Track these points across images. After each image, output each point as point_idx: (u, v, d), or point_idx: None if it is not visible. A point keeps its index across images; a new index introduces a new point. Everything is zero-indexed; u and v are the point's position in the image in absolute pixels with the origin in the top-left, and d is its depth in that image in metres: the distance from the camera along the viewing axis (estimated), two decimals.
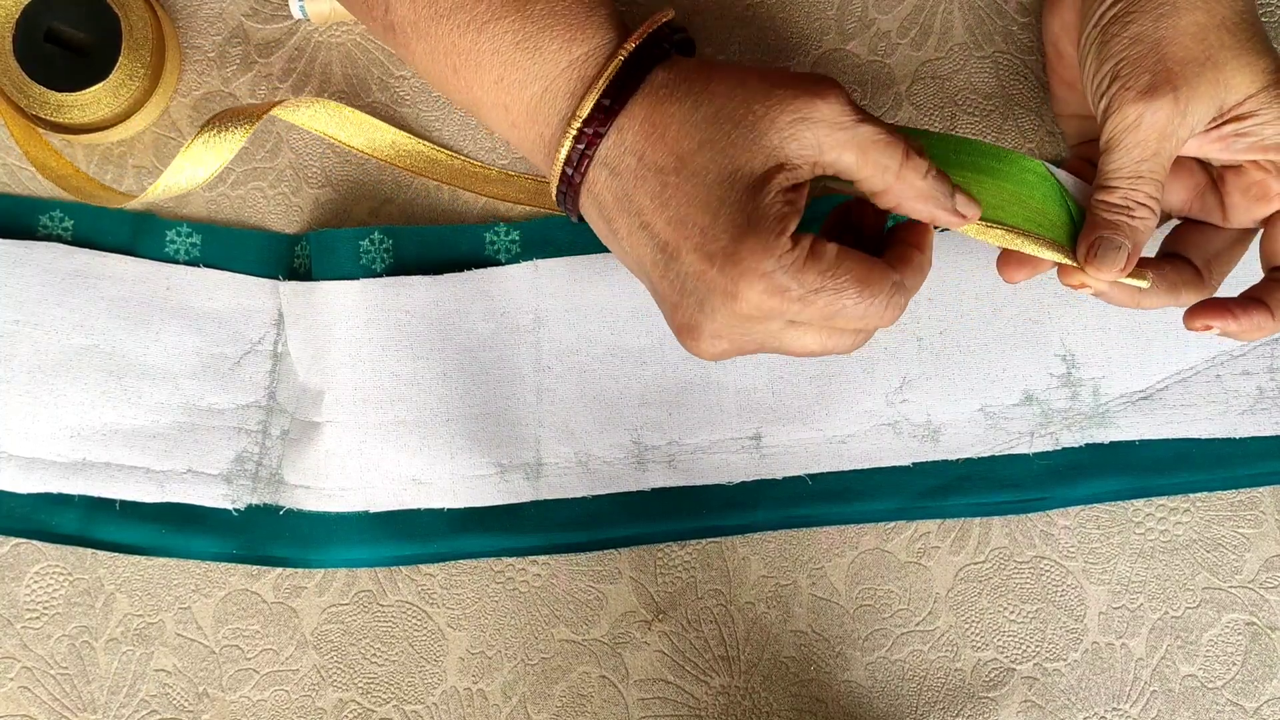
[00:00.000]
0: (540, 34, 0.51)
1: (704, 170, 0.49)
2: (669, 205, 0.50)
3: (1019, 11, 0.64)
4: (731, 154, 0.49)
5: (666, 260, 0.50)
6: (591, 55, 0.51)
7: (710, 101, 0.50)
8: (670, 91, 0.51)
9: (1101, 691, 0.63)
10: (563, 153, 0.51)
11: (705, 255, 0.49)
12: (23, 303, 0.62)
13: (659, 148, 0.50)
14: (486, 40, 0.52)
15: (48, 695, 0.62)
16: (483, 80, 0.53)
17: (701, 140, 0.50)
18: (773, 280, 0.49)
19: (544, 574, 0.63)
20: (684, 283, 0.50)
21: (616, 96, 0.50)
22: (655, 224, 0.50)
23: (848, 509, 0.63)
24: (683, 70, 0.51)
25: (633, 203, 0.51)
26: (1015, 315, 0.63)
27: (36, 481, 0.61)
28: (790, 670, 0.63)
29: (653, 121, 0.50)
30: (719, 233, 0.49)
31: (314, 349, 0.62)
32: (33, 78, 0.60)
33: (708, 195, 0.49)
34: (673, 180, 0.50)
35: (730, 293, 0.49)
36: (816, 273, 0.49)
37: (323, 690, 0.62)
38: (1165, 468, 0.63)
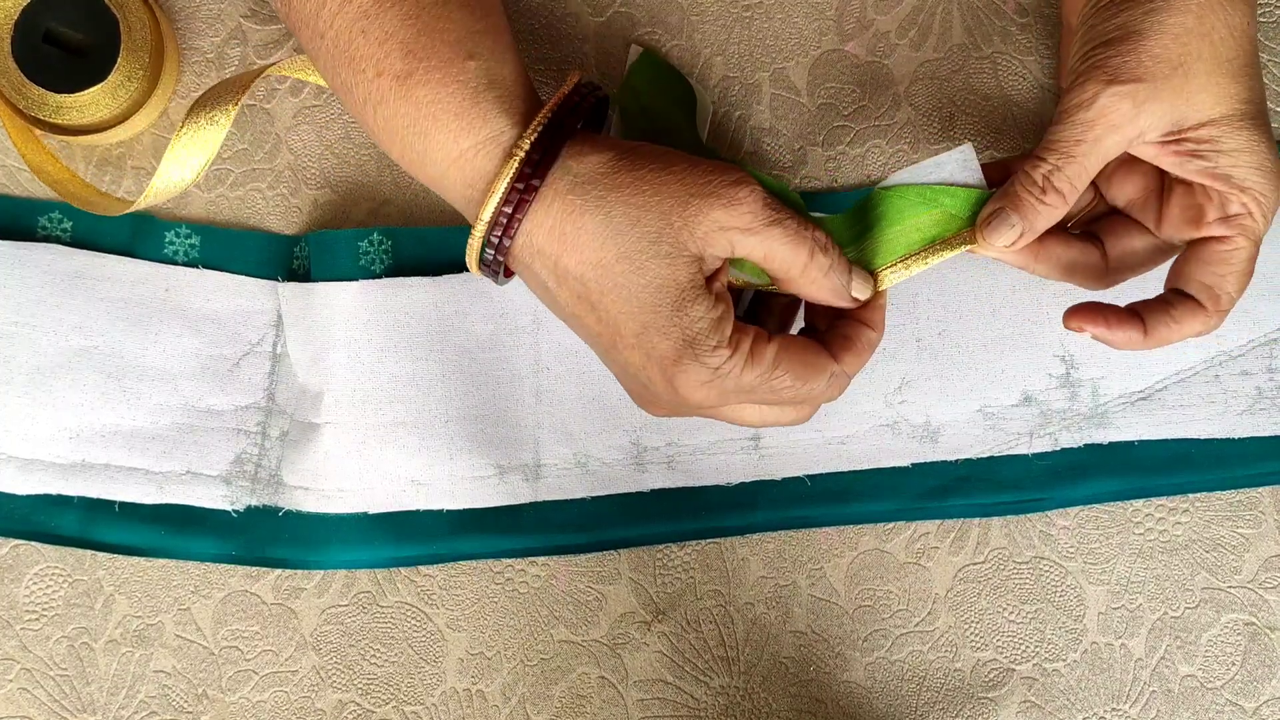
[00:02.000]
0: (426, 121, 0.51)
1: (626, 283, 0.50)
2: (596, 308, 0.51)
3: (1018, 12, 0.64)
4: (652, 268, 0.50)
5: (605, 348, 0.52)
6: (481, 147, 0.50)
7: (624, 215, 0.50)
8: (578, 201, 0.50)
9: (1101, 692, 0.63)
10: (475, 244, 0.51)
11: (644, 354, 0.51)
12: (21, 304, 0.62)
13: (573, 257, 0.50)
14: (382, 120, 0.52)
15: (47, 696, 0.62)
16: (390, 149, 0.53)
17: (619, 253, 0.50)
18: (711, 387, 0.51)
19: (543, 575, 0.63)
20: (625, 367, 0.52)
21: (517, 204, 0.50)
22: (585, 319, 0.51)
23: (847, 510, 0.63)
24: (589, 172, 0.50)
25: (557, 298, 0.52)
26: (1014, 316, 0.63)
27: (36, 483, 0.61)
28: (790, 670, 0.63)
29: (563, 231, 0.50)
30: (656, 341, 0.50)
31: (313, 350, 0.62)
32: (31, 79, 0.60)
33: (636, 307, 0.50)
34: (594, 289, 0.50)
35: (672, 389, 0.51)
36: (755, 375, 0.51)
37: (322, 691, 0.63)
38: (1164, 468, 0.63)
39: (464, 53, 0.51)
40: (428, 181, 0.53)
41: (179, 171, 0.59)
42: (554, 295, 0.52)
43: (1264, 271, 0.63)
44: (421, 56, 0.50)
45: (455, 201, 0.53)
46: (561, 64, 0.64)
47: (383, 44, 0.51)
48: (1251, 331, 0.63)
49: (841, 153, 0.64)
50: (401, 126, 0.51)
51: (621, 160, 0.51)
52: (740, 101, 0.64)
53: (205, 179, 0.64)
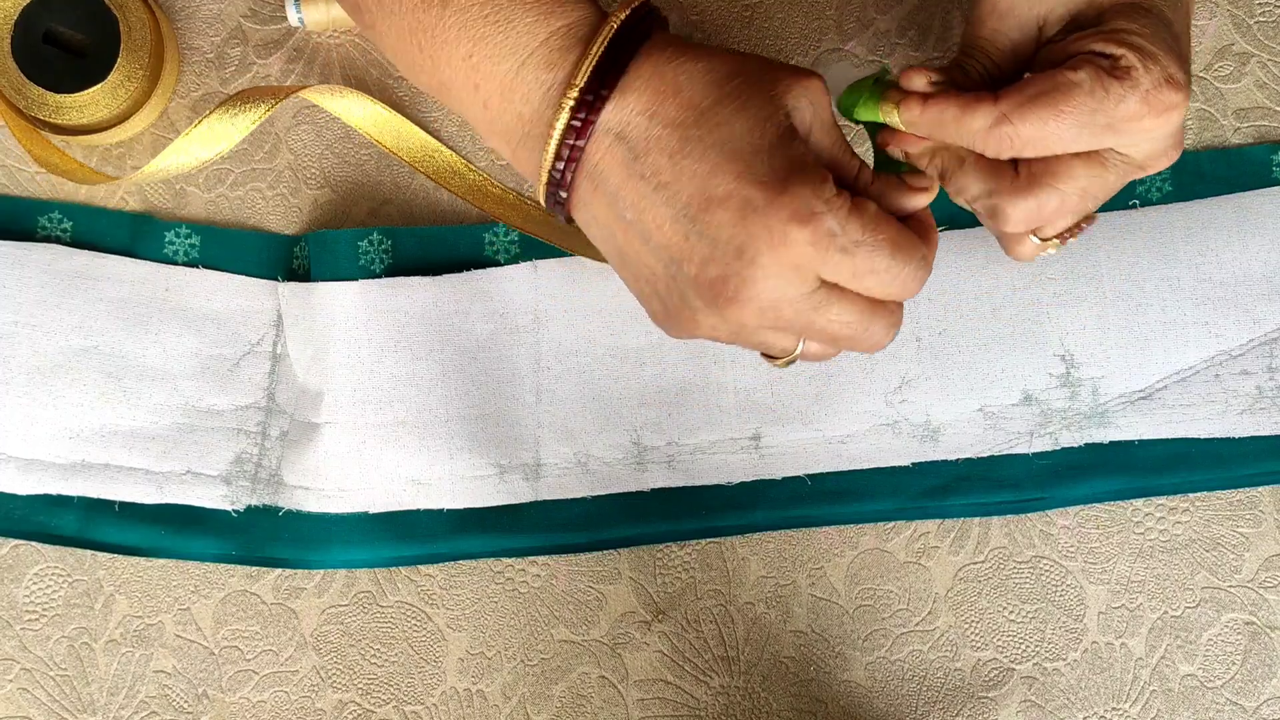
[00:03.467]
0: (512, 6, 0.49)
1: (728, 120, 0.48)
2: (692, 158, 0.48)
3: None
4: (754, 106, 0.48)
5: (693, 216, 0.48)
6: (573, 28, 0.49)
7: (724, 61, 0.48)
8: (676, 54, 0.49)
9: (1101, 691, 0.63)
10: (560, 122, 0.48)
11: (744, 201, 0.47)
12: (21, 304, 0.62)
13: (672, 104, 0.48)
14: (453, 14, 0.49)
15: (47, 696, 0.62)
16: (451, 58, 0.50)
17: (720, 95, 0.48)
18: (820, 224, 0.47)
19: (544, 575, 0.63)
20: (716, 235, 0.48)
21: (615, 60, 0.48)
22: (677, 182, 0.48)
23: (847, 509, 0.63)
24: (680, 39, 0.50)
25: (646, 165, 0.48)
26: (1014, 315, 0.63)
27: (35, 483, 0.61)
28: (790, 670, 0.63)
29: (662, 77, 0.48)
30: (760, 178, 0.47)
31: (313, 350, 0.62)
32: (31, 79, 0.60)
33: (738, 144, 0.47)
34: (695, 133, 0.48)
35: (778, 233, 0.47)
36: (859, 224, 0.47)
37: (322, 691, 0.62)
38: (1164, 467, 0.63)
39: None
40: (490, 87, 0.50)
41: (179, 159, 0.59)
42: (640, 169, 0.48)
43: (1263, 272, 0.63)
44: None
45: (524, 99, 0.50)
46: None
47: None
48: (1251, 331, 0.63)
49: None
50: (479, 16, 0.49)
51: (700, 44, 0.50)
52: None
53: (205, 179, 0.64)
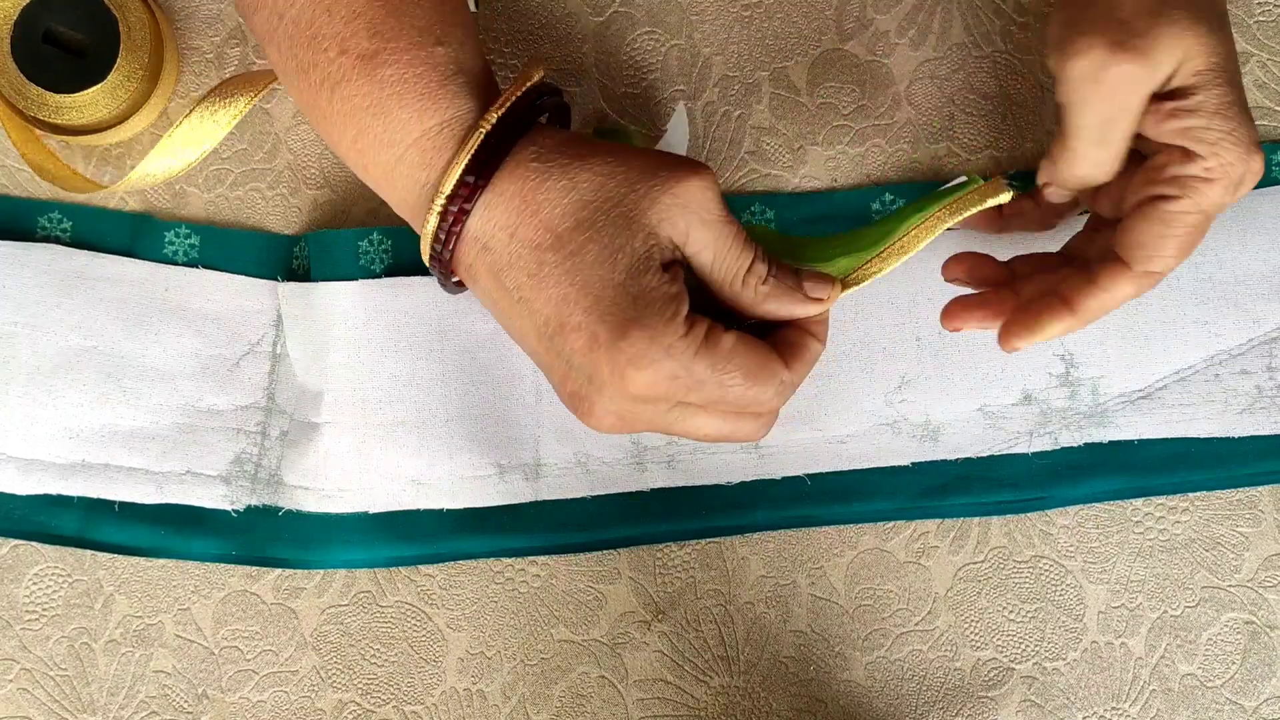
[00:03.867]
0: (390, 100, 0.50)
1: (581, 249, 0.48)
2: (547, 283, 0.49)
3: (1018, 11, 0.65)
4: (610, 233, 0.48)
5: (550, 335, 0.50)
6: (446, 126, 0.50)
7: (588, 181, 0.49)
8: (541, 170, 0.49)
9: (1101, 691, 0.63)
10: (429, 227, 0.50)
11: (590, 335, 0.48)
12: (21, 304, 0.62)
13: (532, 225, 0.49)
14: (339, 101, 0.50)
15: (47, 697, 0.62)
16: (341, 139, 0.52)
17: (578, 221, 0.49)
18: (660, 367, 0.48)
19: (543, 574, 0.63)
20: (570, 358, 0.49)
21: (480, 172, 0.49)
22: (535, 301, 0.49)
23: (847, 509, 0.63)
24: (553, 145, 0.50)
25: (509, 278, 0.50)
26: None
27: (35, 483, 0.61)
28: (790, 670, 0.63)
29: (524, 198, 0.49)
30: (605, 314, 0.48)
31: (313, 350, 0.62)
32: (30, 79, 0.60)
33: (588, 275, 0.48)
34: (550, 258, 0.49)
35: (619, 374, 0.48)
36: (707, 363, 0.49)
37: (322, 691, 0.62)
38: (1164, 467, 0.63)
39: (432, 39, 0.50)
40: (376, 172, 0.51)
41: (165, 162, 0.59)
42: (504, 281, 0.50)
43: (1263, 271, 0.63)
44: (389, 37, 0.50)
45: (405, 192, 0.51)
46: (561, 64, 0.64)
47: (349, 22, 0.50)
48: (1251, 331, 0.63)
49: (841, 152, 0.64)
50: (361, 107, 0.50)
51: (584, 139, 0.51)
52: (740, 101, 0.64)
53: (205, 179, 0.64)
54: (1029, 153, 0.64)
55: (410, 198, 0.51)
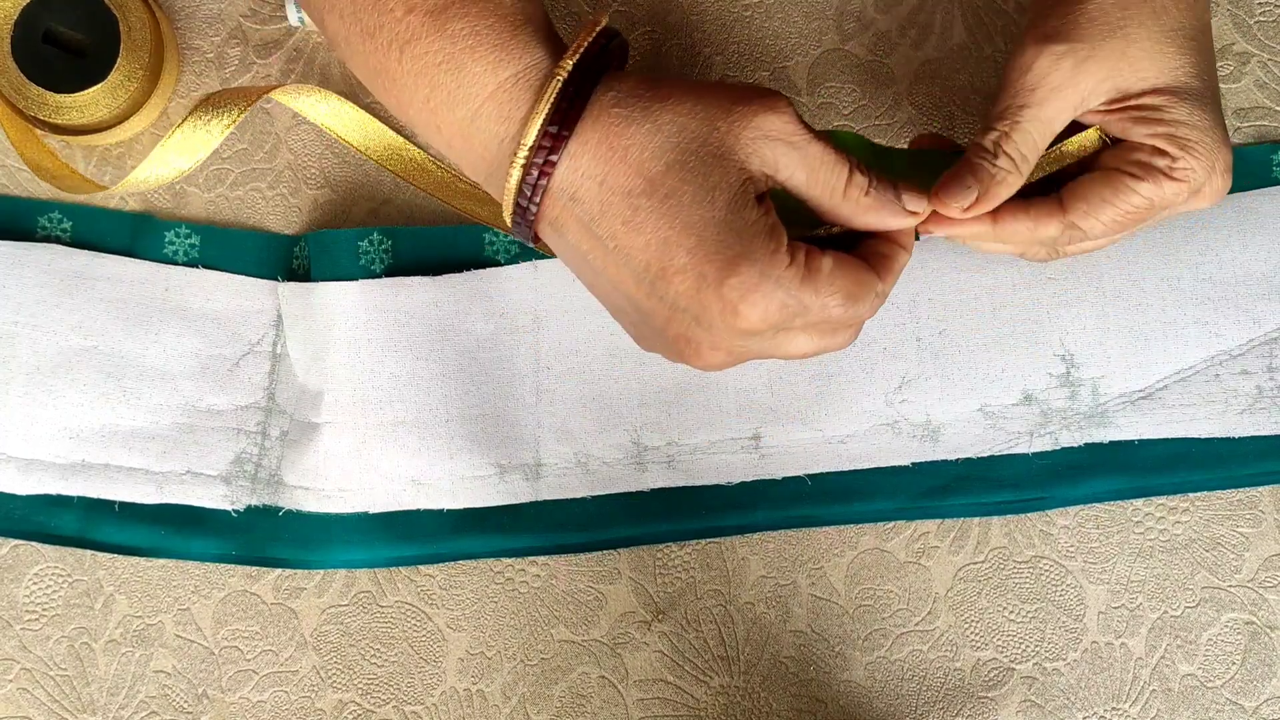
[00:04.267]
0: (462, 54, 0.49)
1: (677, 190, 0.48)
2: (644, 228, 0.48)
3: (1018, 11, 0.64)
4: (703, 172, 0.48)
5: (652, 281, 0.49)
6: (521, 77, 0.49)
7: (671, 121, 0.49)
8: (623, 112, 0.49)
9: (1101, 691, 0.63)
10: (512, 182, 0.49)
11: (698, 276, 0.48)
12: (21, 304, 0.62)
13: (621, 171, 0.48)
14: (409, 61, 0.50)
15: (47, 697, 0.62)
16: (411, 100, 0.51)
17: (669, 162, 0.48)
18: (771, 299, 0.48)
19: (543, 574, 0.63)
20: (675, 301, 0.49)
21: (563, 121, 0.48)
22: (632, 248, 0.49)
23: (847, 509, 0.63)
24: (630, 87, 0.49)
25: (602, 227, 0.49)
26: (1014, 315, 0.63)
27: (35, 483, 0.61)
28: (790, 670, 0.63)
29: (610, 144, 0.48)
30: (711, 253, 0.48)
31: (313, 350, 0.62)
32: (31, 79, 0.60)
33: (688, 216, 0.48)
34: (644, 203, 0.48)
35: (730, 310, 0.48)
36: (812, 290, 0.49)
37: (322, 691, 0.62)
38: (1164, 467, 0.63)
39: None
40: (450, 131, 0.51)
41: (158, 169, 0.59)
42: (597, 231, 0.49)
43: (1263, 271, 0.63)
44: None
45: (482, 149, 0.50)
46: None
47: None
48: (1251, 331, 0.63)
49: None
50: (433, 64, 0.49)
51: (660, 78, 0.50)
52: None
53: (205, 179, 0.64)
54: None
55: (489, 154, 0.50)
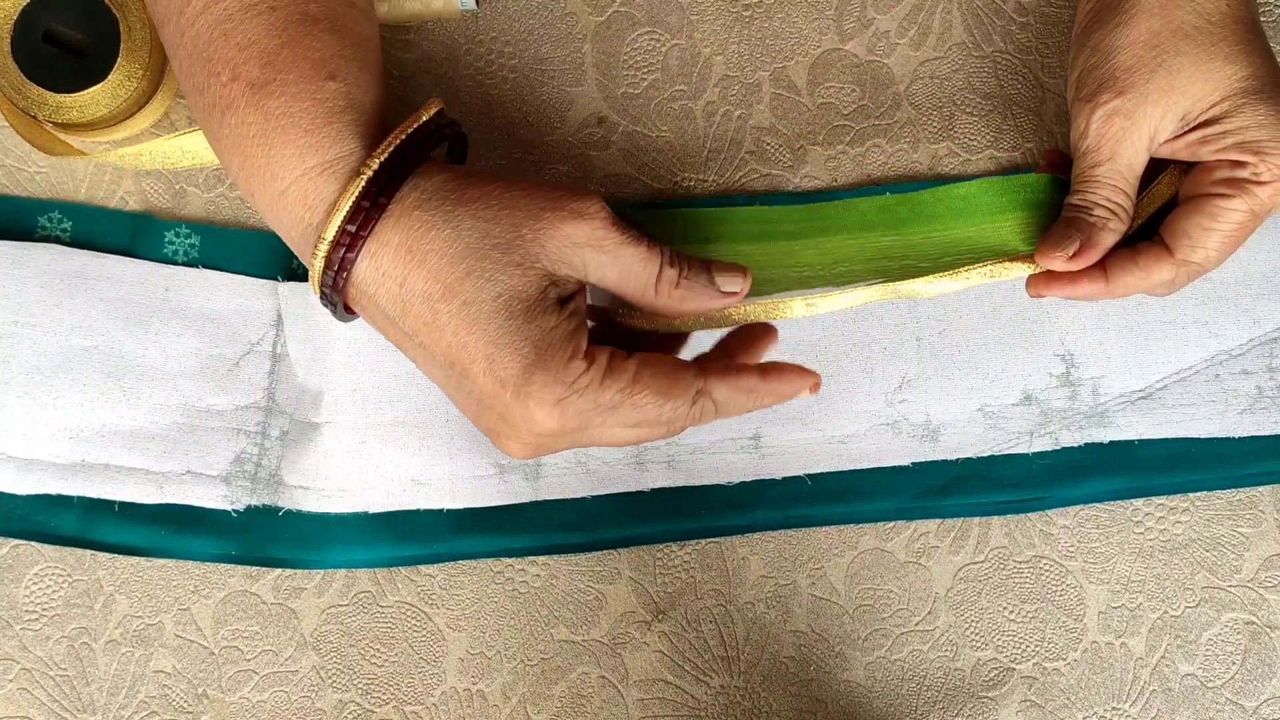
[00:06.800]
0: (275, 133, 0.49)
1: (475, 299, 0.48)
2: (445, 332, 0.48)
3: (1018, 11, 0.64)
4: (502, 280, 0.48)
5: (458, 378, 0.49)
6: (329, 167, 0.49)
7: (473, 228, 0.48)
8: (424, 216, 0.48)
9: (1101, 691, 0.63)
10: (315, 270, 0.49)
11: (496, 379, 0.48)
12: (21, 304, 0.62)
13: (420, 275, 0.48)
14: (228, 127, 0.50)
15: (47, 697, 0.62)
16: (229, 162, 0.51)
17: (468, 269, 0.48)
18: (568, 405, 0.49)
19: (543, 574, 0.63)
20: (481, 398, 0.49)
21: (362, 222, 0.48)
22: (435, 348, 0.49)
23: (847, 509, 0.63)
24: (437, 187, 0.49)
25: (405, 324, 0.49)
26: (1014, 315, 0.63)
27: (35, 483, 0.61)
28: (790, 670, 0.63)
29: (409, 249, 0.48)
30: (507, 362, 0.48)
31: (313, 350, 0.62)
32: (31, 79, 0.60)
33: (486, 324, 0.48)
34: (444, 308, 0.48)
35: (529, 416, 0.49)
36: (614, 391, 0.49)
37: (322, 691, 0.62)
38: (1164, 467, 0.63)
39: (325, 73, 0.49)
40: (264, 204, 0.50)
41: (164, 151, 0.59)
42: (400, 326, 0.49)
43: (1263, 271, 0.63)
44: (281, 68, 0.49)
45: (290, 228, 0.50)
46: (561, 64, 0.64)
47: (243, 49, 0.49)
48: (1251, 331, 0.63)
49: (841, 152, 0.64)
50: (247, 136, 0.49)
51: (470, 177, 0.50)
52: (740, 101, 0.64)
53: (205, 179, 0.64)
54: (1030, 153, 0.64)
55: (295, 235, 0.50)
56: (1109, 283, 0.54)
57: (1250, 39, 0.53)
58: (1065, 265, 0.53)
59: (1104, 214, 0.53)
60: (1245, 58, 0.52)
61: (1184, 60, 0.52)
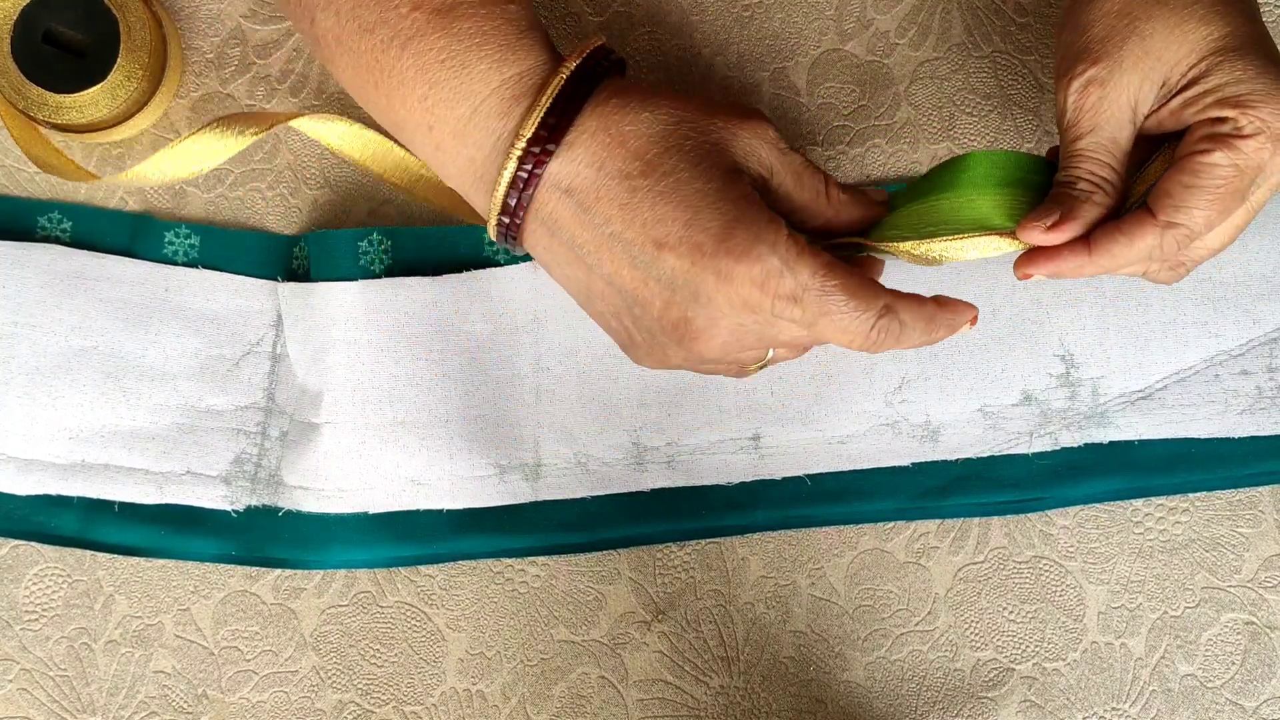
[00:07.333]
0: (467, 52, 0.50)
1: (674, 169, 0.49)
2: (641, 208, 0.49)
3: (1017, 11, 0.65)
4: (699, 155, 0.49)
5: (648, 261, 0.50)
6: (525, 76, 0.50)
7: (669, 112, 0.50)
8: (621, 105, 0.50)
9: (1101, 691, 0.63)
10: (506, 174, 0.50)
11: (694, 246, 0.49)
12: (21, 304, 0.62)
13: (619, 155, 0.50)
14: (410, 57, 0.51)
15: (46, 697, 0.62)
16: (406, 98, 0.51)
17: (667, 145, 0.50)
18: (768, 265, 0.49)
19: (543, 575, 0.63)
20: (672, 279, 0.50)
21: (563, 113, 0.50)
22: (628, 230, 0.50)
23: (847, 509, 0.63)
24: (628, 87, 0.51)
25: (598, 214, 0.50)
26: (1014, 315, 0.63)
27: (35, 483, 0.61)
28: (790, 670, 0.63)
29: (608, 132, 0.50)
30: (707, 222, 0.49)
31: (313, 350, 0.62)
32: (31, 79, 0.60)
33: (685, 191, 0.49)
34: (642, 184, 0.49)
35: (726, 278, 0.49)
36: (810, 269, 0.49)
37: (322, 691, 0.62)
38: (1164, 467, 0.63)
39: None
40: (444, 130, 0.51)
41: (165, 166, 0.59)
42: (591, 219, 0.50)
43: (1263, 271, 0.63)
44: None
45: (477, 144, 0.51)
46: None
47: None
48: (1251, 331, 0.63)
49: (841, 152, 0.64)
50: (435, 61, 0.50)
51: (651, 86, 0.52)
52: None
53: (205, 179, 0.64)
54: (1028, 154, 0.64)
55: (481, 154, 0.51)
56: (1092, 254, 0.52)
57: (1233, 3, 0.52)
58: (1044, 238, 0.52)
59: (1087, 187, 0.52)
60: (1221, 19, 0.51)
61: (1156, 25, 0.51)
